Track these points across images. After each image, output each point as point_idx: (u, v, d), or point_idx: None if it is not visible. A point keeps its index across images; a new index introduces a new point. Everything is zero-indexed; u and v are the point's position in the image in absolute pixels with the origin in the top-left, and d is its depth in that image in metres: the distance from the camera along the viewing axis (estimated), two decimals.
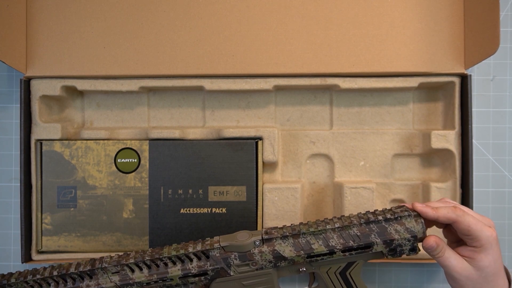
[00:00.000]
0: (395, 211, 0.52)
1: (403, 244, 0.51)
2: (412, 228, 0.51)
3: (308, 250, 0.51)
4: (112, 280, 0.51)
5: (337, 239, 0.51)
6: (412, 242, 0.51)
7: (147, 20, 0.65)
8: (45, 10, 0.65)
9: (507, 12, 0.69)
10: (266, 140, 0.66)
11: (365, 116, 0.69)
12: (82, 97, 0.70)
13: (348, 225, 0.51)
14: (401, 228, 0.51)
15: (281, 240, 0.51)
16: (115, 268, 0.51)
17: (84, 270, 0.51)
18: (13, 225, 0.70)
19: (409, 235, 0.51)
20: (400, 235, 0.51)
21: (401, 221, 0.51)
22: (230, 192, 0.65)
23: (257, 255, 0.51)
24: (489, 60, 0.68)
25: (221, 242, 0.52)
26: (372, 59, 0.64)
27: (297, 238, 0.51)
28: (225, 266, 0.51)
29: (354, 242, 0.51)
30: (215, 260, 0.51)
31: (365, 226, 0.51)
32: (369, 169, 0.68)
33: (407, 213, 0.51)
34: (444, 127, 0.67)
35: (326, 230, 0.51)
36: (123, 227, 0.65)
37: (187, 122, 0.70)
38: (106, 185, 0.65)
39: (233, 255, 0.51)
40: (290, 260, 0.51)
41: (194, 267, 0.51)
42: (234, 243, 0.51)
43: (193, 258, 0.51)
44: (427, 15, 0.64)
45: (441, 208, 0.51)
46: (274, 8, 0.64)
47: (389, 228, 0.51)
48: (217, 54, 0.65)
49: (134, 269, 0.51)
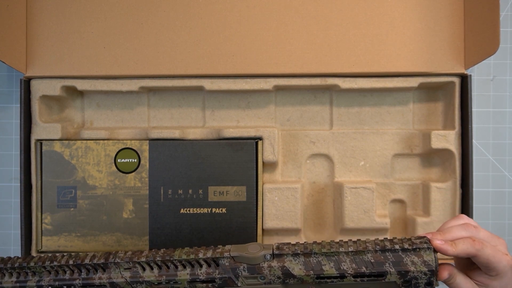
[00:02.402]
0: (414, 242, 0.50)
1: (419, 277, 0.48)
2: (430, 262, 0.48)
3: (318, 271, 0.49)
4: (123, 275, 0.52)
5: (349, 263, 0.49)
6: (429, 276, 0.48)
7: (147, 20, 0.65)
8: (45, 10, 0.65)
9: (507, 12, 0.69)
10: (266, 140, 0.66)
11: (365, 116, 0.69)
12: (82, 97, 0.70)
13: (362, 250, 0.49)
14: (418, 260, 0.48)
15: (292, 257, 0.50)
16: (127, 265, 0.52)
17: (98, 263, 0.52)
18: (13, 225, 0.70)
19: (426, 269, 0.48)
20: (416, 267, 0.48)
21: (419, 253, 0.48)
22: (230, 192, 0.65)
23: (266, 269, 0.50)
24: (489, 60, 0.68)
25: (232, 252, 0.51)
26: (372, 59, 0.64)
27: (308, 257, 0.50)
28: (233, 276, 0.51)
29: (366, 268, 0.49)
30: (224, 269, 0.51)
31: (380, 254, 0.49)
32: (369, 169, 0.68)
33: (426, 245, 0.49)
34: (444, 127, 0.67)
35: (339, 253, 0.50)
36: (123, 227, 0.65)
37: (187, 122, 0.70)
38: (106, 185, 0.65)
39: (242, 267, 0.51)
40: (299, 278, 0.50)
41: (202, 273, 0.51)
42: (244, 254, 0.51)
43: (203, 264, 0.51)
44: (427, 15, 0.64)
45: (459, 244, 0.48)
46: (274, 8, 0.64)
47: (406, 259, 0.48)
48: (217, 54, 0.65)
49: (145, 268, 0.52)
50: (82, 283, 0.52)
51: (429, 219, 0.65)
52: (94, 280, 0.52)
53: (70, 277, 0.52)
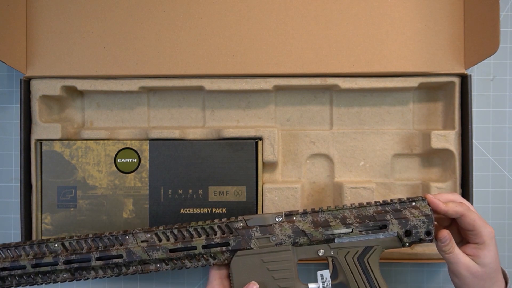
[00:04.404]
0: (410, 197, 0.56)
1: (418, 226, 0.53)
2: (427, 212, 0.54)
3: (326, 226, 0.54)
4: (140, 245, 0.54)
5: (354, 218, 0.54)
6: (427, 224, 0.53)
7: (147, 20, 0.65)
8: (45, 10, 0.65)
9: (507, 12, 0.69)
10: (266, 140, 0.66)
11: (365, 116, 0.69)
12: (82, 97, 0.70)
13: (364, 206, 0.55)
14: (415, 211, 0.54)
15: (301, 217, 0.55)
16: (145, 236, 0.55)
17: (116, 235, 0.55)
18: (13, 225, 0.70)
19: (424, 217, 0.53)
20: (414, 216, 0.54)
21: (415, 205, 0.54)
22: (230, 192, 0.65)
23: (277, 229, 0.54)
24: (489, 60, 0.68)
25: (245, 217, 0.55)
26: (372, 59, 0.64)
27: (316, 216, 0.54)
28: (246, 238, 0.54)
29: (370, 221, 0.54)
30: (237, 232, 0.54)
31: (381, 208, 0.55)
32: (369, 169, 0.68)
33: (421, 198, 0.55)
34: (444, 127, 0.67)
35: (344, 210, 0.55)
36: (123, 227, 0.65)
37: (187, 122, 0.70)
38: (106, 185, 0.65)
39: (255, 228, 0.54)
40: (309, 234, 0.54)
41: (217, 238, 0.54)
42: (256, 216, 0.55)
43: (217, 232, 0.55)
44: (427, 15, 0.64)
45: (450, 203, 0.54)
46: (274, 8, 0.64)
47: (405, 211, 0.54)
48: (217, 54, 0.65)
49: (161, 238, 0.55)
50: (99, 255, 0.54)
51: None
52: (111, 251, 0.54)
53: (88, 251, 0.54)
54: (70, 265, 0.54)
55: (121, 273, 0.54)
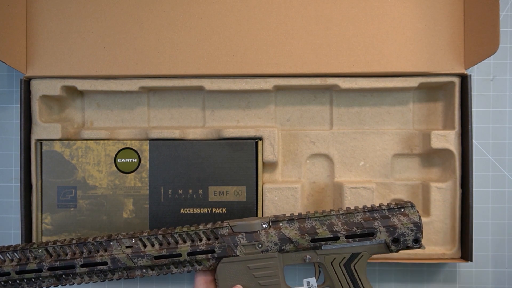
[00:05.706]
0: (398, 203, 0.55)
1: (406, 234, 0.53)
2: (415, 219, 0.53)
3: (313, 233, 0.53)
4: (125, 252, 0.53)
5: (341, 225, 0.53)
6: (415, 232, 0.53)
7: (147, 20, 0.65)
8: (45, 10, 0.65)
9: (507, 12, 0.69)
10: (266, 140, 0.66)
11: (365, 116, 0.69)
12: (82, 97, 0.70)
13: (352, 212, 0.54)
14: (404, 218, 0.53)
15: (287, 223, 0.54)
16: (129, 242, 0.54)
17: (100, 241, 0.54)
18: (13, 225, 0.70)
19: (412, 224, 0.53)
20: (403, 224, 0.53)
21: (404, 211, 0.54)
22: (230, 192, 0.65)
23: (263, 236, 0.53)
24: (489, 60, 0.68)
25: (231, 222, 0.54)
26: (372, 59, 0.64)
27: (302, 222, 0.54)
28: (232, 245, 0.53)
29: (357, 228, 0.53)
30: (223, 238, 0.53)
31: (369, 215, 0.54)
32: (369, 169, 0.68)
33: (410, 204, 0.54)
34: (444, 127, 0.67)
35: (331, 217, 0.54)
36: (123, 227, 0.65)
37: (187, 122, 0.70)
38: (106, 185, 0.65)
39: (241, 235, 0.53)
40: (295, 242, 0.53)
41: (202, 245, 0.53)
42: (243, 222, 0.54)
43: (203, 238, 0.54)
44: (427, 15, 0.64)
45: None
46: (274, 8, 0.64)
47: (393, 218, 0.53)
48: (217, 54, 0.65)
49: (146, 244, 0.54)
50: (84, 262, 0.53)
51: (429, 219, 0.65)
52: (95, 258, 0.53)
53: (72, 257, 0.54)
54: (54, 271, 0.53)
55: (107, 279, 0.54)
